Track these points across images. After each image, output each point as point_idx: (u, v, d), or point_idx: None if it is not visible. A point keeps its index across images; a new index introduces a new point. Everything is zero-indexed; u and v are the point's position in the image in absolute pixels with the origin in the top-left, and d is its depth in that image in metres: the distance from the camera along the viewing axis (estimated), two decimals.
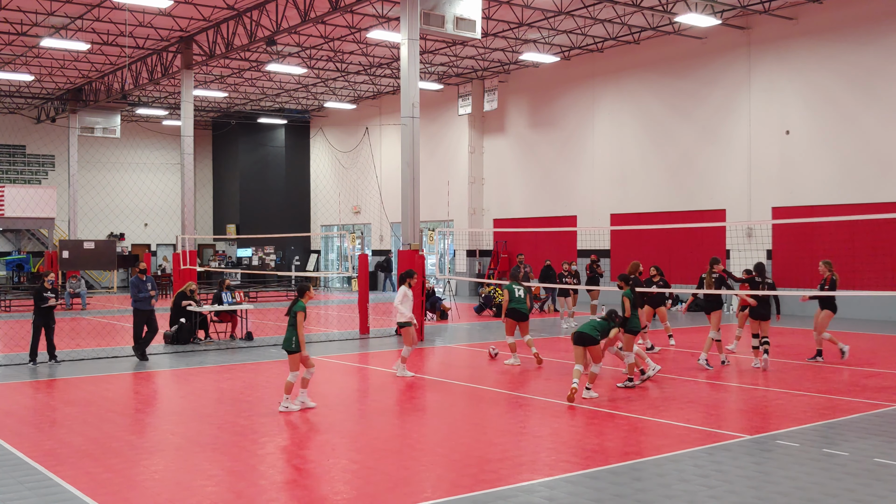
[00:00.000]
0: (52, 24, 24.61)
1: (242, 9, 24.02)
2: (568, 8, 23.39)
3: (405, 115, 18.57)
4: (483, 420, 10.07)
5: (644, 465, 7.85)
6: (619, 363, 13.54)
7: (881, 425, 9.43)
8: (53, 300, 14.57)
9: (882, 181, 21.44)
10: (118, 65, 30.59)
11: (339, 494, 7.14)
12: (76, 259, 31.22)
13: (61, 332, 18.10)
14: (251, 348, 16.89)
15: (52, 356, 14.79)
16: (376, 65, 30.80)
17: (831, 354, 14.61)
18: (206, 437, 9.15)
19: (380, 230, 37.81)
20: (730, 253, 24.43)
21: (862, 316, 21.28)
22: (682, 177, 26.24)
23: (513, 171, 32.31)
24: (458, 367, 14.45)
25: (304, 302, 10.51)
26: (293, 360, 10.46)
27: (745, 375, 13.07)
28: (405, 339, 13.18)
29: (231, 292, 18.44)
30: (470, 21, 18.91)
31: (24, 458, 8.26)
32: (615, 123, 28.46)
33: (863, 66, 21.92)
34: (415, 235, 18.74)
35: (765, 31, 23.95)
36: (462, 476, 7.51)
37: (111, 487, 7.26)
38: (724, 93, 25.09)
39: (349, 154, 39.50)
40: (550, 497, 6.86)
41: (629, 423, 9.64)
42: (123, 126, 38.98)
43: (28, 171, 40.09)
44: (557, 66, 29.87)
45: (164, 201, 42.53)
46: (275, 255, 41.82)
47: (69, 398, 11.69)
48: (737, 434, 9.02)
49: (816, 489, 7.04)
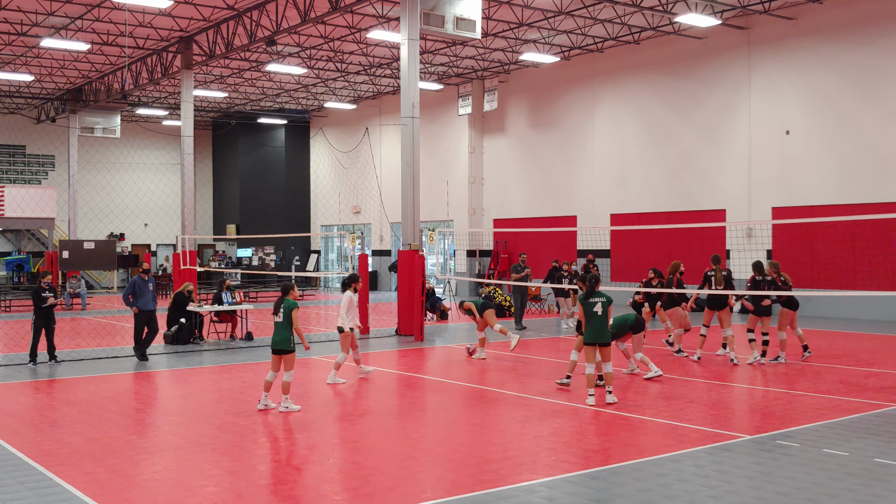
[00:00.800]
0: (52, 24, 24.61)
1: (242, 9, 24.03)
2: (568, 8, 23.39)
3: (405, 116, 18.57)
4: (483, 420, 10.07)
5: (644, 465, 7.85)
6: (622, 363, 13.56)
7: (881, 425, 9.42)
8: (52, 299, 14.55)
9: (882, 181, 21.45)
10: (118, 65, 30.59)
11: (339, 494, 7.14)
12: (76, 259, 31.23)
13: (61, 333, 18.10)
14: (251, 348, 16.89)
15: (52, 356, 14.79)
16: (376, 65, 30.80)
17: (793, 348, 14.86)
18: (206, 437, 9.14)
19: (380, 230, 37.81)
20: (730, 253, 24.43)
21: (862, 316, 21.28)
22: (682, 177, 26.24)
23: (513, 172, 32.32)
24: (457, 367, 14.44)
25: (292, 299, 10.54)
26: (290, 360, 10.46)
27: (745, 376, 13.07)
28: (342, 345, 12.67)
29: (231, 292, 18.44)
30: (470, 21, 18.91)
31: (24, 458, 8.26)
32: (615, 123, 28.46)
33: (863, 66, 21.93)
34: (415, 235, 18.75)
35: (765, 32, 23.95)
36: (462, 476, 7.51)
37: (111, 487, 7.26)
38: (724, 93, 25.09)
39: (349, 154, 39.50)
40: (550, 497, 6.86)
41: (629, 423, 9.64)
42: (123, 126, 38.99)
43: (28, 172, 40.09)
44: (557, 67, 29.88)
45: (164, 201, 42.53)
46: (275, 256, 41.82)
47: (69, 398, 11.69)
48: (737, 434, 9.02)
49: (817, 489, 7.04)
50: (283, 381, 10.48)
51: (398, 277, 19.22)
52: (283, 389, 10.50)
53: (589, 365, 10.79)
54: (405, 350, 16.66)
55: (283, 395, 10.49)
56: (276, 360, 10.54)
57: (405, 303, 18.55)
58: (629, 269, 27.31)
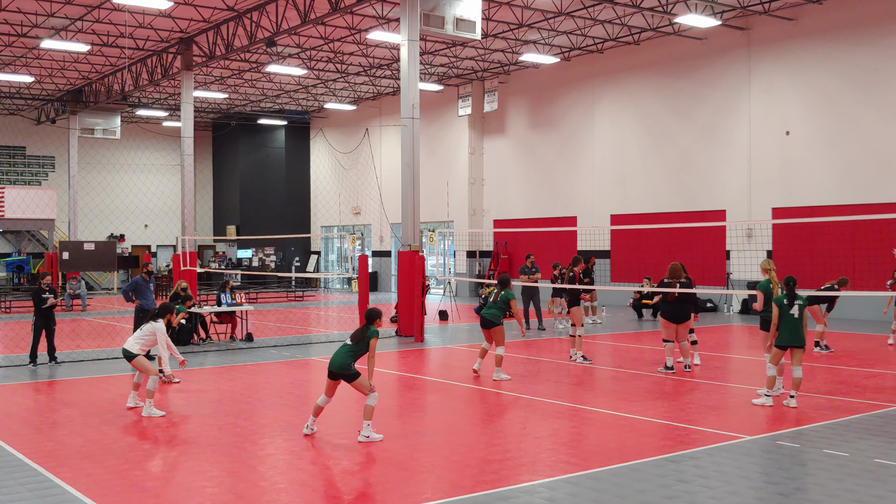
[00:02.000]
0: (52, 25, 24.62)
1: (242, 10, 24.03)
2: (568, 9, 23.39)
3: (405, 116, 18.57)
4: (483, 420, 10.07)
5: (644, 465, 7.84)
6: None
7: (881, 426, 9.42)
8: (52, 299, 14.55)
9: (882, 181, 21.45)
10: (118, 66, 30.59)
11: (340, 495, 7.14)
12: (76, 260, 31.25)
13: (61, 334, 18.09)
14: (251, 349, 16.89)
15: (52, 357, 14.79)
16: (376, 66, 30.81)
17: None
18: (206, 438, 9.15)
19: (380, 231, 37.81)
20: (730, 254, 24.44)
21: (862, 316, 21.28)
22: (682, 177, 26.24)
23: (513, 172, 32.33)
24: (457, 368, 14.44)
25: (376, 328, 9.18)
26: (362, 384, 9.05)
27: (745, 376, 13.07)
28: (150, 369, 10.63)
29: (231, 293, 18.43)
30: (470, 22, 18.91)
31: (24, 459, 8.26)
32: (615, 124, 28.47)
33: (863, 66, 21.93)
34: (415, 236, 18.75)
35: (765, 32, 23.95)
36: (462, 477, 7.50)
37: (111, 489, 7.26)
38: (724, 93, 25.09)
39: (349, 155, 39.51)
40: (551, 498, 6.86)
41: (629, 424, 9.64)
42: (123, 127, 38.99)
43: (28, 173, 40.11)
44: (557, 67, 29.88)
45: (164, 202, 42.54)
46: (275, 257, 41.84)
47: (69, 399, 11.69)
48: (737, 434, 9.02)
49: (817, 490, 7.04)
50: (367, 405, 9.05)
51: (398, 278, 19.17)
52: (366, 415, 9.04)
53: (771, 367, 10.67)
54: (405, 351, 16.66)
55: (365, 422, 9.03)
56: (334, 384, 9.19)
57: (405, 303, 18.55)
58: (629, 270, 27.32)
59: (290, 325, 22.18)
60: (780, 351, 10.62)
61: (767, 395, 10.69)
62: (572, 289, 14.72)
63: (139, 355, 10.57)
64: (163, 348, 10.75)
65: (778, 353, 10.64)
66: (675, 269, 13.34)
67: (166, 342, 10.80)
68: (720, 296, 24.95)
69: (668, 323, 13.23)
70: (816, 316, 15.42)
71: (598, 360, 14.79)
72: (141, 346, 10.65)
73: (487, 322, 13.06)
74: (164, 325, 10.93)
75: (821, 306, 15.48)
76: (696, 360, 13.97)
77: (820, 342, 15.64)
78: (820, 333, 15.61)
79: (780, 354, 10.66)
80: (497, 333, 12.98)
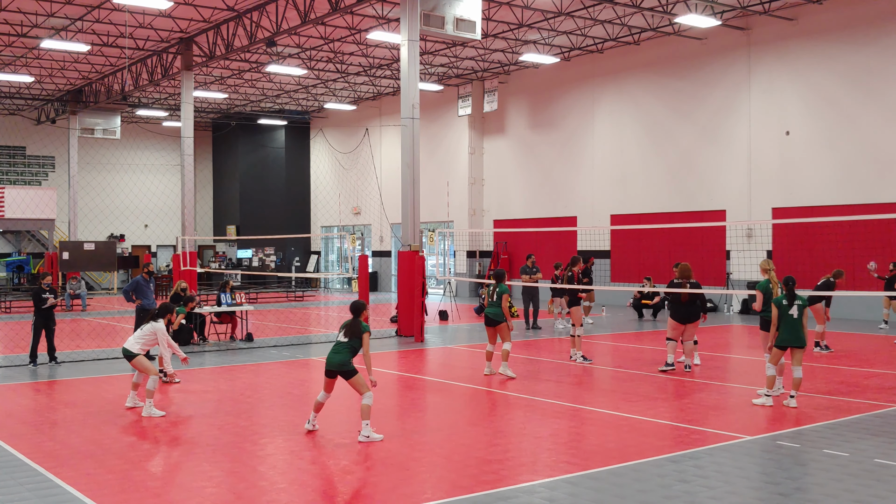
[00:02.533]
0: (52, 25, 24.61)
1: (242, 10, 24.03)
2: (568, 9, 23.39)
3: (405, 116, 18.57)
4: (483, 420, 10.07)
5: (644, 465, 7.84)
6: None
7: (881, 426, 9.42)
8: (52, 299, 14.55)
9: (882, 181, 21.45)
10: (118, 66, 30.59)
11: (339, 495, 7.14)
12: (76, 260, 31.23)
13: (61, 334, 18.09)
14: (251, 349, 16.89)
15: (52, 357, 14.79)
16: (376, 66, 30.80)
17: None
18: (206, 438, 9.15)
19: (380, 231, 37.81)
20: (730, 254, 24.44)
21: (862, 316, 21.27)
22: (682, 177, 26.24)
23: (513, 172, 32.32)
24: (457, 368, 14.45)
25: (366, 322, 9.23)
26: (358, 382, 9.01)
27: (745, 376, 13.07)
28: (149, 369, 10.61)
29: (231, 293, 18.43)
30: (470, 22, 18.91)
31: (24, 459, 8.26)
32: (615, 124, 28.46)
33: (863, 66, 21.93)
34: (415, 236, 18.74)
35: (765, 32, 23.95)
36: (462, 477, 7.50)
37: (111, 489, 7.26)
38: (724, 93, 25.09)
39: (349, 155, 39.50)
40: (551, 498, 6.86)
41: (629, 423, 9.64)
42: (123, 127, 38.98)
43: (28, 173, 40.11)
44: (557, 67, 29.88)
45: (164, 202, 42.53)
46: (275, 257, 41.84)
47: (69, 399, 11.69)
48: (737, 434, 9.02)
49: (817, 490, 7.04)
50: (363, 405, 8.97)
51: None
52: (363, 414, 8.98)
53: (771, 366, 10.66)
54: (405, 351, 16.66)
55: (364, 422, 8.98)
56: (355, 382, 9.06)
57: (405, 304, 18.55)
58: (629, 270, 27.32)
59: (290, 326, 22.18)
60: (779, 351, 10.63)
61: (767, 395, 10.70)
62: (571, 289, 14.74)
63: (139, 355, 10.57)
64: (164, 348, 10.76)
65: (778, 353, 10.64)
66: (686, 269, 13.32)
67: (167, 341, 10.81)
68: (720, 296, 24.95)
69: (677, 324, 13.26)
70: (818, 315, 15.38)
71: (598, 360, 14.80)
72: (141, 345, 10.66)
73: (491, 320, 13.11)
74: (165, 325, 10.94)
75: (822, 304, 15.45)
76: (697, 360, 13.97)
77: (820, 342, 15.64)
78: (820, 333, 15.60)
79: (780, 354, 10.66)
80: (502, 330, 13.05)
